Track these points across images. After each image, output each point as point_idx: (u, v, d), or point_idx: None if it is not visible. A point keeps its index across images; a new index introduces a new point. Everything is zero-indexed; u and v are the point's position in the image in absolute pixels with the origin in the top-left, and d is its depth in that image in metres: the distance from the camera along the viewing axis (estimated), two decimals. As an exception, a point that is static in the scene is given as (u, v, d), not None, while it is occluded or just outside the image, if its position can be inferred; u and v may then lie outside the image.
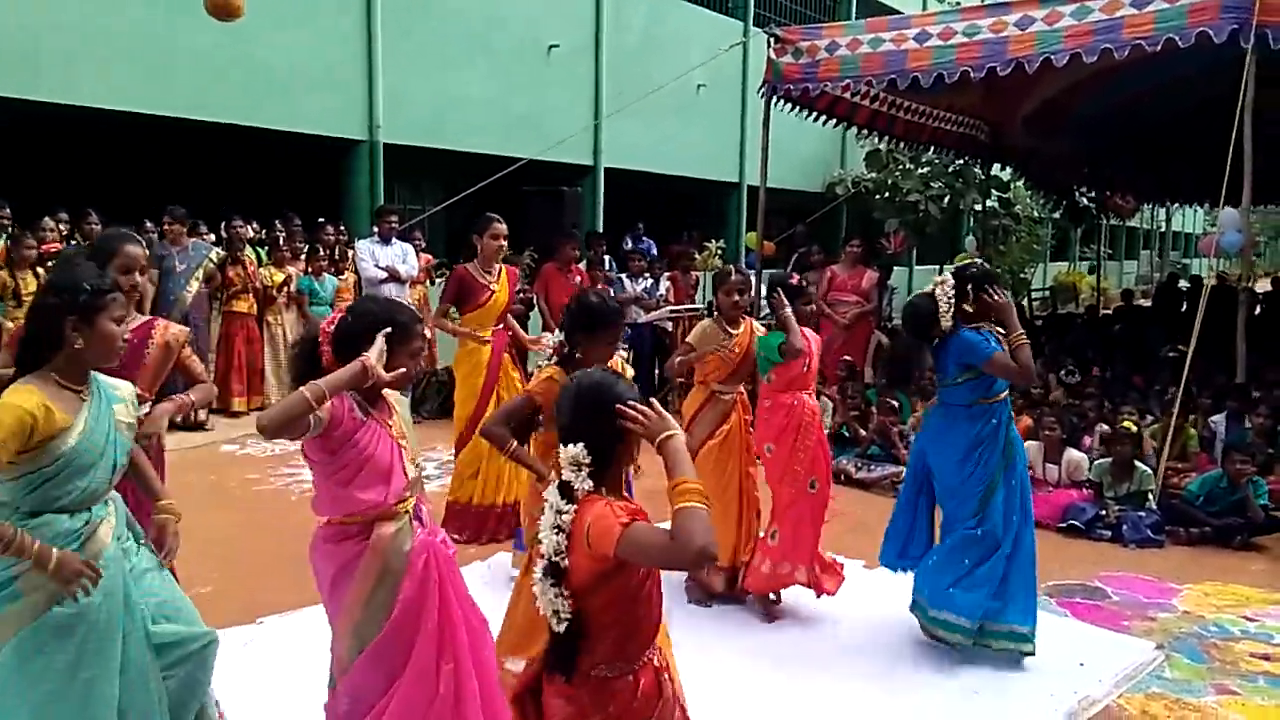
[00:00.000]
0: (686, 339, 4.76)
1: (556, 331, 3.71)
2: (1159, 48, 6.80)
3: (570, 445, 2.06)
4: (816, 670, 4.01)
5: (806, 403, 4.54)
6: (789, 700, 3.73)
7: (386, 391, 2.69)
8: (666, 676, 2.17)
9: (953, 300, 4.05)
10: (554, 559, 2.01)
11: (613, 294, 7.74)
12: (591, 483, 2.04)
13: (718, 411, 4.59)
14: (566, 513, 2.02)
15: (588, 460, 2.04)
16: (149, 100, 8.99)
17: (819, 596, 4.48)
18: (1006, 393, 4.16)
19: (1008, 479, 4.07)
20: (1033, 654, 4.03)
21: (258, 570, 4.90)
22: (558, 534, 2.01)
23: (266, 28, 9.34)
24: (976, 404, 4.06)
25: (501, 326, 5.69)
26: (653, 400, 2.10)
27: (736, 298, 4.61)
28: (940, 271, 17.58)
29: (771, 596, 4.56)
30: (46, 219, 7.69)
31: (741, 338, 4.61)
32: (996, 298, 4.02)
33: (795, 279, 4.68)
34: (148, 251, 3.46)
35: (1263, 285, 16.94)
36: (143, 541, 2.72)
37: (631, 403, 2.08)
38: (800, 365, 4.48)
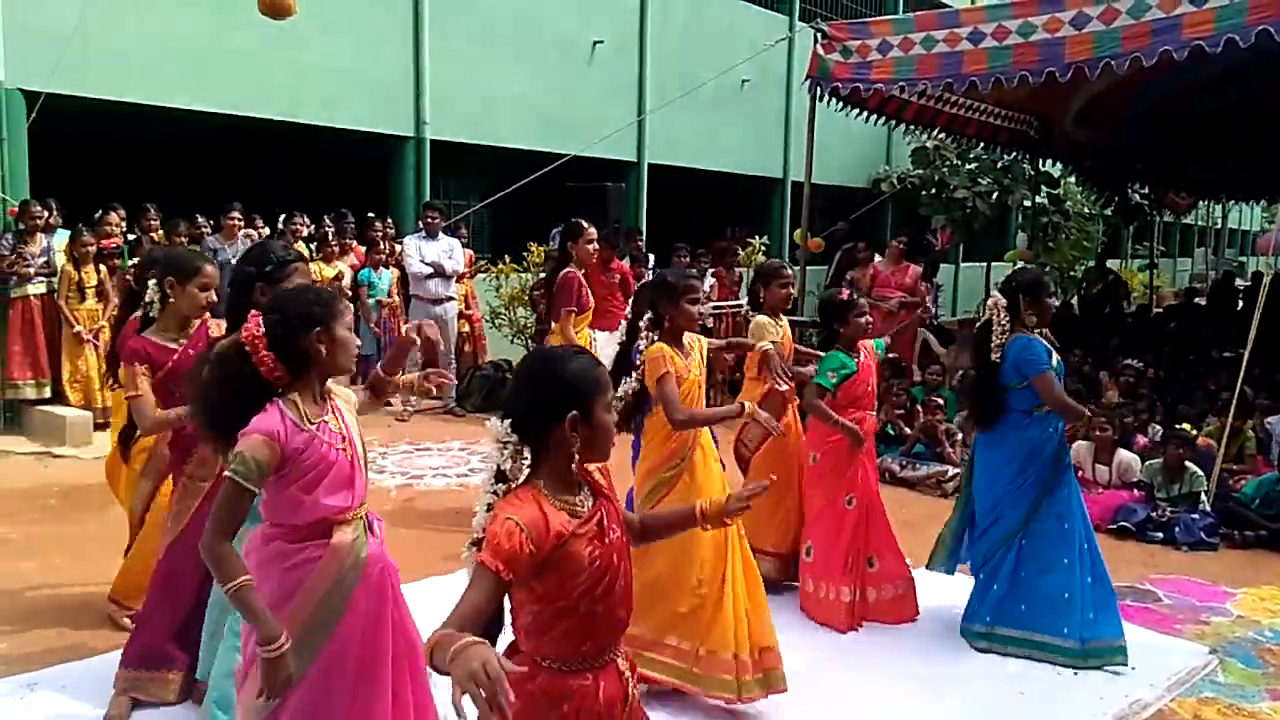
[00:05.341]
0: (749, 335, 4.79)
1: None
2: (1219, 49, 6.47)
3: (498, 420, 1.90)
4: (858, 667, 4.00)
5: (866, 420, 4.46)
6: (830, 697, 3.72)
7: (331, 384, 2.48)
8: (632, 684, 2.00)
9: (1007, 325, 4.08)
10: (479, 535, 1.88)
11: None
12: (519, 467, 1.89)
13: (776, 403, 4.62)
14: (491, 494, 1.89)
15: (512, 438, 1.88)
16: (199, 98, 9.16)
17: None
18: None
19: (1055, 490, 4.06)
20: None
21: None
22: (486, 512, 1.89)
23: (315, 27, 9.48)
24: (1037, 410, 4.05)
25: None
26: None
27: (790, 290, 4.88)
28: (988, 269, 17.30)
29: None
30: (111, 214, 7.88)
31: (786, 330, 4.85)
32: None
33: (844, 294, 4.61)
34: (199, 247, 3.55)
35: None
36: None
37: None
38: (864, 383, 4.47)
